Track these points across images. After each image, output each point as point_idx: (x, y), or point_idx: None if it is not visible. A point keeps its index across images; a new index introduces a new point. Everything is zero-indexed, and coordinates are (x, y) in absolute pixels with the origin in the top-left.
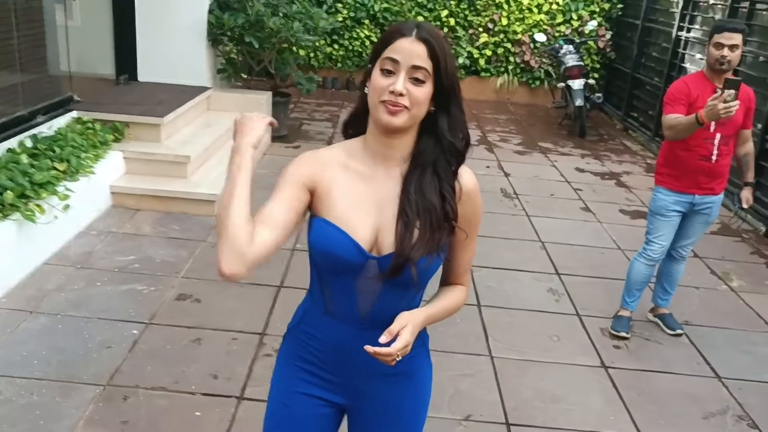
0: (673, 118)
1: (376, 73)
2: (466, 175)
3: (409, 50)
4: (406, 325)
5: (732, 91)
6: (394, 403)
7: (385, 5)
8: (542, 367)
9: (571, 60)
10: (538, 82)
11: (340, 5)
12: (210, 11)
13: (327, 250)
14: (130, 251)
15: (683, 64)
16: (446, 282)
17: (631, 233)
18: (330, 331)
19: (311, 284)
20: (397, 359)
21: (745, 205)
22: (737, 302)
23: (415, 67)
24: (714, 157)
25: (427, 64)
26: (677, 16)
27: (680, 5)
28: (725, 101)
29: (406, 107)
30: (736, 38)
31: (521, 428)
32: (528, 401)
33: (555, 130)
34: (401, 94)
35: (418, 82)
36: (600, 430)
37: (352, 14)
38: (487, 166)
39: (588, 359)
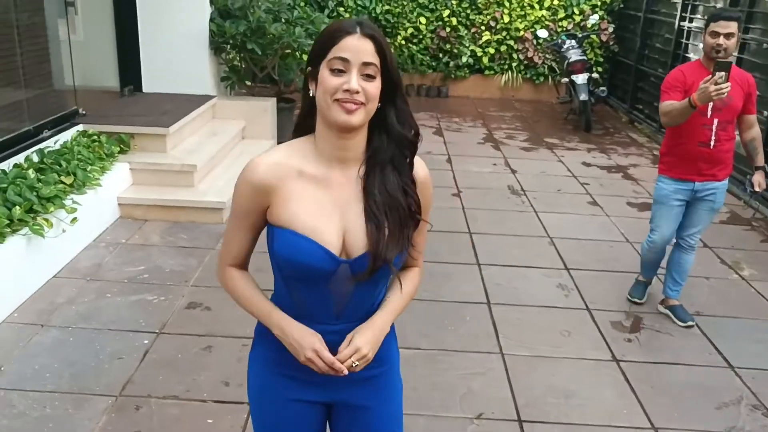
0: (668, 104)
1: (325, 73)
2: (418, 165)
3: (358, 47)
4: (353, 337)
5: (722, 73)
6: (374, 394)
7: (387, 7)
8: (553, 362)
9: (574, 55)
10: (542, 78)
11: (341, 9)
12: (211, 19)
13: (296, 260)
14: (139, 262)
15: (687, 55)
16: (402, 267)
17: (640, 225)
18: None
19: (277, 289)
20: (356, 364)
21: (757, 189)
22: (748, 291)
23: (366, 64)
24: (712, 143)
25: (375, 59)
26: (679, 7)
27: None
28: (716, 83)
29: (362, 103)
30: (732, 26)
31: (533, 425)
32: (540, 397)
33: (561, 126)
34: (357, 92)
35: (369, 78)
36: (613, 424)
37: (354, 17)
38: (494, 164)
39: (599, 353)
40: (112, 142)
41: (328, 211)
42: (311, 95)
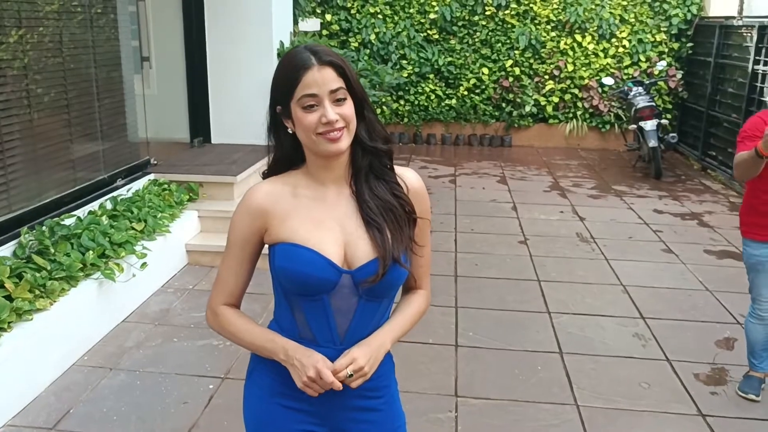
0: (739, 155)
1: (299, 113)
2: (410, 175)
3: (321, 79)
4: (349, 352)
5: None
6: (378, 421)
7: (449, 59)
8: (633, 416)
9: (641, 101)
10: (608, 126)
11: (404, 62)
12: None
13: (299, 272)
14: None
15: (762, 98)
16: (408, 289)
17: (719, 274)
18: None
19: (278, 312)
20: (350, 374)
21: None
22: None
23: (333, 91)
24: None
25: (340, 83)
26: (752, 50)
27: (755, 39)
28: None
29: (343, 128)
30: None
31: None
32: None
33: (629, 173)
34: (336, 120)
35: (340, 101)
36: None
37: (416, 70)
38: (561, 211)
39: (683, 407)
40: (181, 190)
41: (327, 225)
42: (290, 132)
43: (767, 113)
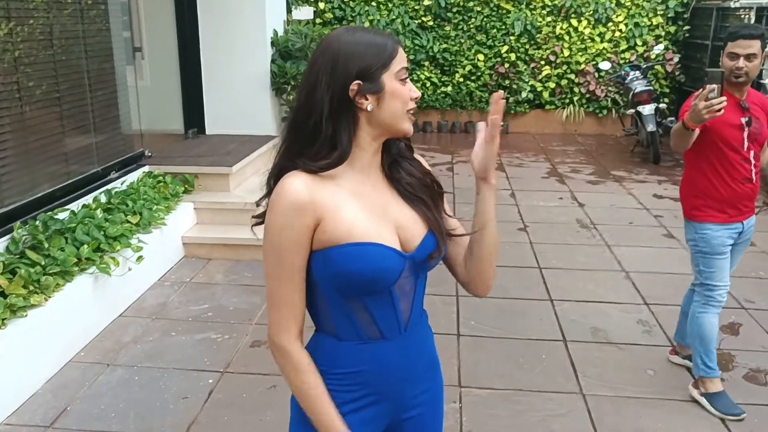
0: (673, 127)
1: (396, 84)
2: (420, 158)
3: (403, 55)
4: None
5: (714, 86)
6: (433, 397)
7: (444, 46)
8: (640, 403)
9: (639, 85)
10: (605, 111)
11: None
12: (272, 61)
13: (367, 270)
14: (203, 300)
15: (761, 81)
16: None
17: None
18: (372, 356)
19: (333, 320)
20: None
21: None
22: None
23: (406, 69)
24: (754, 177)
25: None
26: None
27: (752, 20)
28: (707, 99)
29: None
30: (754, 46)
31: None
32: None
33: (627, 158)
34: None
35: (405, 81)
36: None
37: (412, 57)
38: (560, 198)
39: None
40: (176, 182)
41: (378, 212)
42: (367, 109)
43: None
